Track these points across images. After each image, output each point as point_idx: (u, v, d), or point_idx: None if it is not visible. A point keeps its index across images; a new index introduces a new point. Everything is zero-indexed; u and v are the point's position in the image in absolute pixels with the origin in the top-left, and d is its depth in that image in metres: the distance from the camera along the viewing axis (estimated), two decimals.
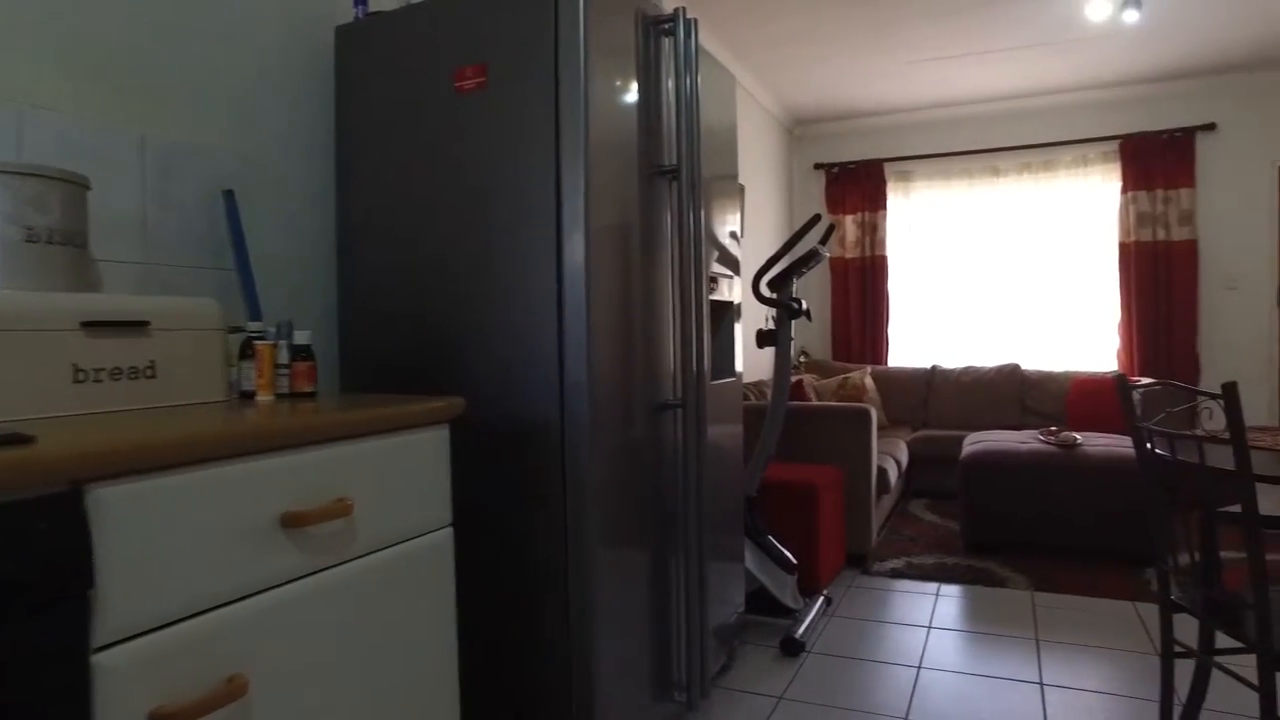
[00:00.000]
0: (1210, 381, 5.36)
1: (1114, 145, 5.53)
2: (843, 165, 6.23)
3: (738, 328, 2.53)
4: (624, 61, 1.83)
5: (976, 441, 4.03)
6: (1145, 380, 1.67)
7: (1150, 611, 2.97)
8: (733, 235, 2.50)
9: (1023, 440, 3.93)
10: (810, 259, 2.81)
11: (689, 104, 2.01)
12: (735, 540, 2.54)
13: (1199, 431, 1.71)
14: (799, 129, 6.42)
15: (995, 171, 5.84)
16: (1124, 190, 5.46)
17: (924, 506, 4.72)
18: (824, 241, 2.97)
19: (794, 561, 2.88)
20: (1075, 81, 5.41)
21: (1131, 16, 3.95)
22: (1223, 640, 1.83)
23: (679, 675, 2.08)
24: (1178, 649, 1.87)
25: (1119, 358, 5.56)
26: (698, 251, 2.02)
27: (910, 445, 4.93)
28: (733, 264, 2.50)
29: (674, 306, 2.06)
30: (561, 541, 1.71)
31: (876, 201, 6.11)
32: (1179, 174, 5.34)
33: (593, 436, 1.68)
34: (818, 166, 6.35)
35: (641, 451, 1.89)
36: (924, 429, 5.33)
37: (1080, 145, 5.62)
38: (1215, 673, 2.14)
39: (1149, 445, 1.83)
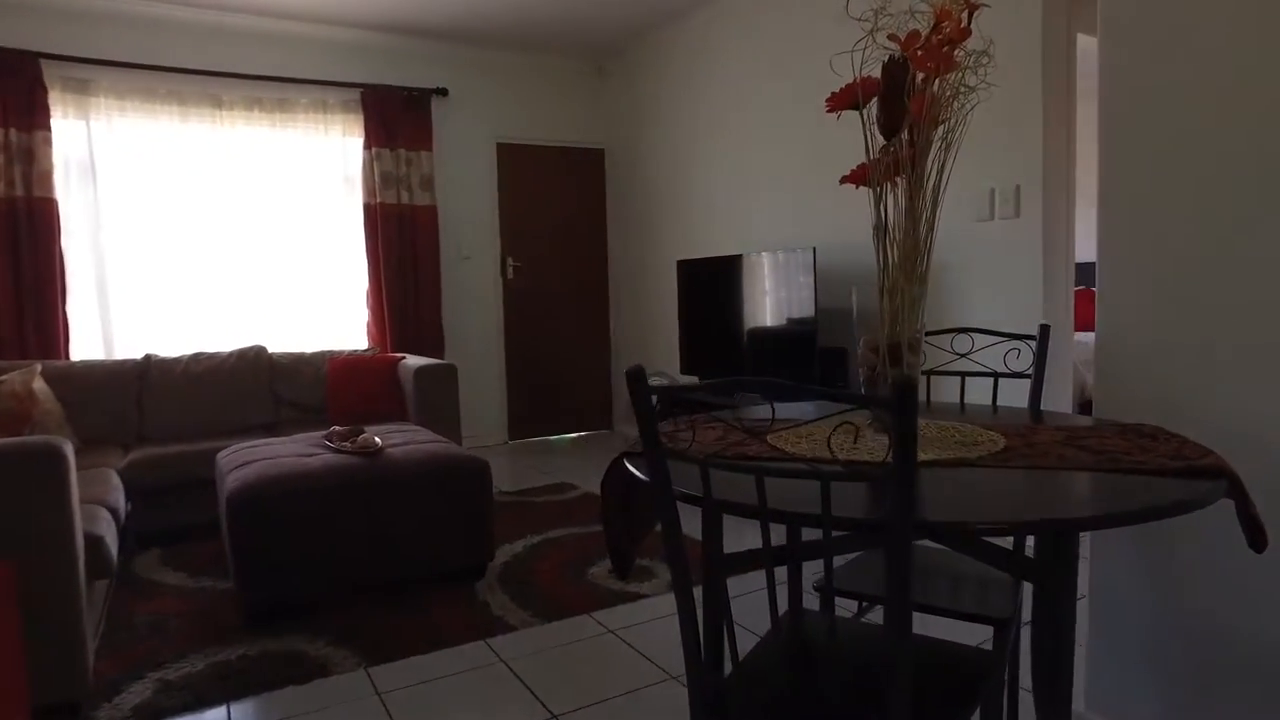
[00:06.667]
0: (454, 352, 5.26)
1: (356, 94, 4.86)
2: None
3: None
4: None
5: (242, 462, 2.84)
6: (711, 380, 0.84)
7: (503, 644, 2.38)
8: None
9: (308, 452, 2.91)
10: None
11: None
12: None
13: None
14: None
15: (218, 103, 4.53)
16: (367, 146, 4.86)
17: (159, 562, 3.26)
18: None
19: None
20: (314, 11, 4.52)
21: None
22: None
23: None
24: None
25: (369, 331, 5.01)
26: None
27: (125, 475, 3.38)
28: None
29: None
30: None
31: (32, 118, 4.09)
32: (419, 136, 5.02)
33: None
34: None
35: None
36: (141, 445, 3.76)
37: (320, 87, 4.78)
38: None
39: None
